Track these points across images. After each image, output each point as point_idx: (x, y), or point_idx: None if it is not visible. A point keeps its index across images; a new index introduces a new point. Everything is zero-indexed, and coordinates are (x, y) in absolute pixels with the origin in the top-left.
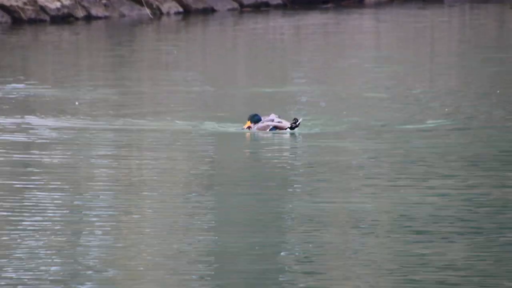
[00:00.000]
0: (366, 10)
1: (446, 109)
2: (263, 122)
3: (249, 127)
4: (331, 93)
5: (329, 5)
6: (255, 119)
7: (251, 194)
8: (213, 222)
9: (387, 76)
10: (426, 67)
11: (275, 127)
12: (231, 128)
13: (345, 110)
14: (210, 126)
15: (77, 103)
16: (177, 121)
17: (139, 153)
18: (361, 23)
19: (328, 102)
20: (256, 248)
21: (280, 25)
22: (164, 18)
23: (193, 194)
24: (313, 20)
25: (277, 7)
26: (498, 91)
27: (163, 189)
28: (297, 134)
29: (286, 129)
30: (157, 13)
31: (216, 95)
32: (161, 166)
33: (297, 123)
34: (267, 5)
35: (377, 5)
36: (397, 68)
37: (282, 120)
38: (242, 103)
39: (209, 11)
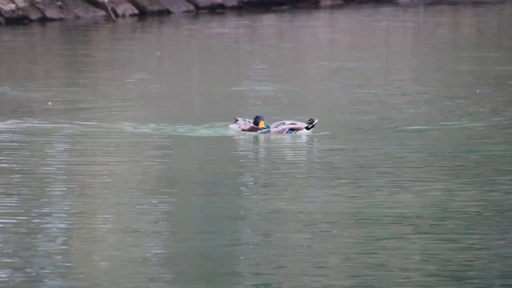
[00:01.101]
0: (321, 12)
1: (423, 108)
2: (277, 126)
3: (254, 128)
4: (291, 92)
5: (284, 7)
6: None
7: (206, 196)
8: (168, 225)
9: (346, 78)
10: (387, 67)
11: (291, 129)
12: (202, 130)
13: (306, 110)
14: (167, 127)
15: (50, 103)
16: (131, 123)
17: (92, 156)
18: (316, 25)
19: (288, 102)
20: (210, 251)
21: (235, 26)
22: (120, 20)
23: (149, 197)
24: (268, 21)
25: (232, 9)
26: (477, 91)
27: (117, 192)
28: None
29: (302, 129)
30: (113, 15)
31: (172, 95)
32: (116, 169)
33: (313, 124)
34: (222, 7)
35: (332, 7)
36: (358, 68)
37: (297, 122)
38: (199, 103)
39: (164, 13)
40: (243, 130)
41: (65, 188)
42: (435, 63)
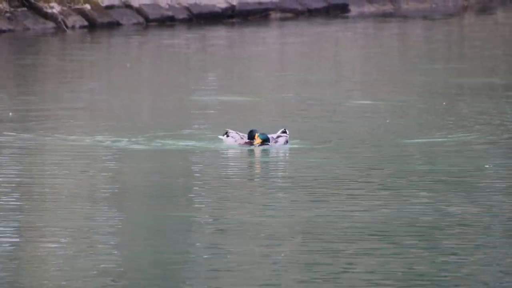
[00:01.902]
0: (271, 24)
1: (387, 121)
2: (276, 141)
3: (262, 144)
4: (242, 103)
5: (234, 20)
6: (263, 137)
7: (157, 208)
8: (118, 238)
9: (298, 88)
10: (338, 79)
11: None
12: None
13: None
14: (117, 139)
15: (10, 114)
16: (80, 135)
17: (40, 168)
18: (266, 37)
19: (242, 112)
20: (161, 263)
21: (185, 38)
22: (70, 32)
23: (98, 210)
24: (219, 34)
25: (182, 21)
26: (444, 103)
27: (66, 205)
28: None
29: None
30: (62, 27)
31: (122, 107)
32: (65, 182)
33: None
34: (172, 19)
35: (283, 20)
36: (309, 79)
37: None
38: (149, 114)
39: (114, 25)
40: (241, 145)
41: (13, 201)
42: (387, 75)
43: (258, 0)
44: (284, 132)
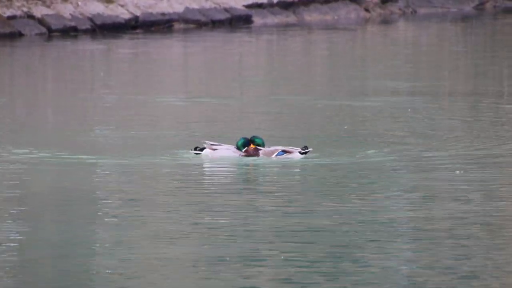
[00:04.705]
0: (175, 35)
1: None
2: (269, 147)
3: (256, 150)
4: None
5: (138, 31)
6: (258, 142)
7: (58, 223)
8: (18, 253)
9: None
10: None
11: (284, 151)
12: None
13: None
14: (20, 152)
15: None
16: None
17: None
18: (170, 48)
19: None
20: (62, 278)
21: (89, 49)
22: None
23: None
24: (122, 44)
25: (86, 32)
26: (409, 109)
27: None
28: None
29: (295, 153)
30: None
31: (24, 119)
32: None
33: (307, 151)
34: (75, 30)
35: (186, 31)
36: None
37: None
38: (52, 128)
39: (16, 36)
40: (247, 155)
41: None
42: (291, 85)
43: (161, 11)
44: (306, 148)
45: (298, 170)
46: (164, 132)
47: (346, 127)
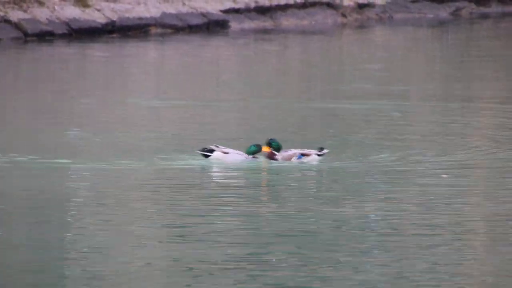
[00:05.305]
0: (151, 40)
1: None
2: (286, 151)
3: (272, 154)
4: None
5: (114, 35)
6: (275, 145)
7: (32, 227)
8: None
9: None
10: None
11: (302, 154)
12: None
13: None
14: None
15: None
16: None
17: None
18: (146, 52)
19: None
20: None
21: (65, 54)
22: None
23: None
24: (98, 48)
25: (62, 36)
26: (396, 113)
27: None
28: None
29: (312, 155)
30: None
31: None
32: None
33: (324, 152)
34: (51, 34)
35: (162, 35)
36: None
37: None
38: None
39: None
40: (268, 158)
41: None
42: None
43: (138, 16)
44: (321, 149)
45: (298, 175)
46: (140, 135)
47: (332, 131)
